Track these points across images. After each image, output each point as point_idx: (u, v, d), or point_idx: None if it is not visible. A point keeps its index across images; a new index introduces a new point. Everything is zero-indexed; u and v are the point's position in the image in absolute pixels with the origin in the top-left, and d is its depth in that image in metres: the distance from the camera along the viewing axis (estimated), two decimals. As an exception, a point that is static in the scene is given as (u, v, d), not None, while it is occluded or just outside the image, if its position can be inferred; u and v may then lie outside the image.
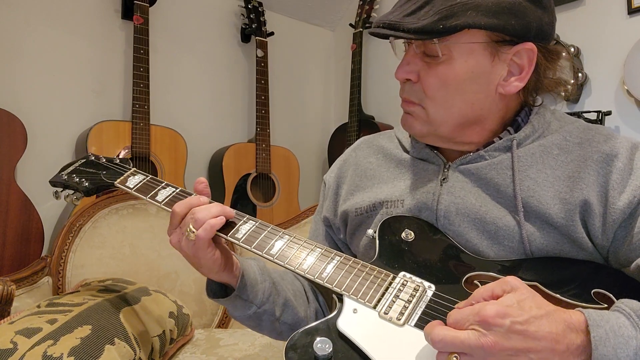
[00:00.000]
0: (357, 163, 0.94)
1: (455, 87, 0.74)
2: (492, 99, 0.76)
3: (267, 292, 0.84)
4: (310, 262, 0.73)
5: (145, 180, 0.91)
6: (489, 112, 0.78)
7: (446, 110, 0.76)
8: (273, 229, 0.79)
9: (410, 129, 0.81)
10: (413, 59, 0.76)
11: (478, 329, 0.53)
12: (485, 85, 0.75)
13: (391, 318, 0.65)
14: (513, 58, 0.74)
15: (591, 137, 0.76)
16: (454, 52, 0.72)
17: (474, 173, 0.78)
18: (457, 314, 0.56)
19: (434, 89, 0.75)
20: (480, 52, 0.72)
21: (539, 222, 0.72)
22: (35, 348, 0.86)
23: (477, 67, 0.73)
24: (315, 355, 0.61)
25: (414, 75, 0.76)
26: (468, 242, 0.75)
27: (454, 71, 0.73)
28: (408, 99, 0.79)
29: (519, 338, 0.53)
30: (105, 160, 1.02)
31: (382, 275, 0.71)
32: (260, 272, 0.85)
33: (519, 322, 0.53)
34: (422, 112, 0.77)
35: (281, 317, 0.85)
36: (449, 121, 0.77)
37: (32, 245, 1.75)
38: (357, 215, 0.87)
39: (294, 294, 0.90)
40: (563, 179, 0.73)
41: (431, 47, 0.73)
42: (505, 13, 0.69)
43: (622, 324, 0.55)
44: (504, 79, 0.75)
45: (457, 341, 0.53)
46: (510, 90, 0.75)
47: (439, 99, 0.75)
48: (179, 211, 0.77)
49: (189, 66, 2.39)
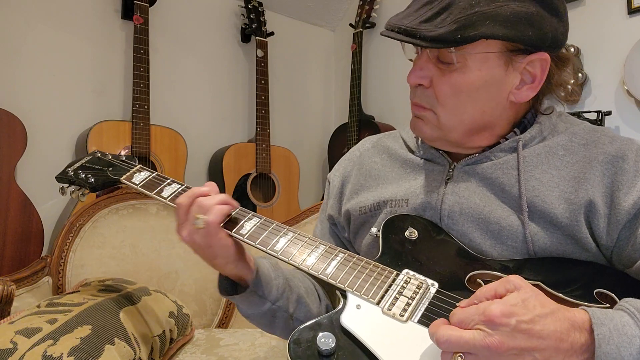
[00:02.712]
0: (362, 162, 0.94)
1: (468, 95, 0.74)
2: (503, 107, 0.77)
3: (281, 288, 0.84)
4: (314, 258, 0.74)
5: (151, 176, 0.91)
6: (499, 119, 0.78)
7: (457, 116, 0.76)
8: (277, 225, 0.79)
9: (420, 133, 0.81)
10: (426, 64, 0.76)
11: (483, 329, 0.53)
12: (497, 93, 0.75)
13: (394, 314, 0.65)
14: (526, 67, 0.74)
15: (597, 139, 0.76)
16: (469, 61, 0.72)
17: (479, 173, 0.78)
18: (462, 313, 0.56)
19: (446, 96, 0.75)
20: (494, 61, 0.72)
21: (543, 222, 0.72)
22: (35, 348, 0.86)
23: (491, 75, 0.73)
24: (319, 349, 0.61)
25: (427, 80, 0.76)
26: (471, 241, 0.76)
27: (467, 79, 0.73)
28: (419, 104, 0.79)
29: (524, 337, 0.53)
30: (111, 157, 1.02)
31: (385, 272, 0.71)
32: (273, 269, 0.85)
33: (524, 321, 0.53)
34: (433, 117, 0.77)
35: (294, 313, 0.86)
36: (459, 127, 0.77)
37: (32, 245, 1.75)
38: (360, 214, 0.88)
39: (306, 291, 0.90)
40: (568, 179, 0.73)
41: (446, 55, 0.73)
42: (522, 23, 0.69)
43: (626, 322, 0.55)
44: (516, 87, 0.75)
45: (462, 341, 0.53)
46: (521, 99, 0.76)
47: (451, 106, 0.75)
48: (183, 202, 0.77)
49: (189, 66, 2.39)
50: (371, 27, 2.62)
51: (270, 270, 0.84)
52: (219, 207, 0.75)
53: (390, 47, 2.65)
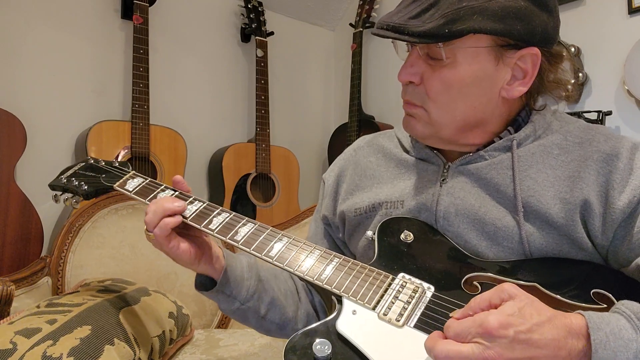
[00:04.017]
0: (357, 162, 0.94)
1: (459, 91, 0.74)
2: (495, 103, 0.76)
3: (252, 289, 0.84)
4: (310, 263, 0.73)
5: (144, 183, 0.91)
6: (491, 115, 0.78)
7: (448, 113, 0.76)
8: (272, 230, 0.79)
9: (412, 131, 0.81)
10: (416, 61, 0.76)
11: (481, 342, 0.53)
12: (488, 89, 0.75)
13: (390, 319, 0.65)
14: (517, 62, 0.74)
15: (592, 137, 0.76)
16: (459, 56, 0.72)
17: (473, 173, 0.78)
18: (458, 326, 0.55)
19: (436, 92, 0.74)
20: (484, 56, 0.72)
21: (539, 222, 0.72)
22: (35, 348, 0.85)
23: (481, 71, 0.73)
24: (315, 356, 0.61)
25: (417, 77, 0.76)
26: (467, 242, 0.75)
27: (457, 75, 0.73)
28: (410, 101, 0.78)
29: (522, 347, 0.52)
30: (104, 163, 1.02)
31: (381, 277, 0.71)
32: (248, 269, 0.85)
33: (522, 332, 0.52)
34: (424, 114, 0.77)
35: (266, 315, 0.86)
36: (451, 124, 0.77)
37: (31, 245, 1.75)
38: (355, 216, 0.87)
39: (285, 293, 0.90)
40: (563, 178, 0.73)
41: (435, 50, 0.72)
42: (511, 17, 0.69)
43: (622, 326, 0.55)
44: (508, 83, 0.75)
45: (461, 356, 0.53)
46: (513, 95, 0.75)
47: (442, 102, 0.75)
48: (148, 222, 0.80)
49: (189, 66, 2.39)
50: (371, 27, 2.62)
51: (244, 270, 0.85)
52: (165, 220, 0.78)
53: (390, 46, 2.64)
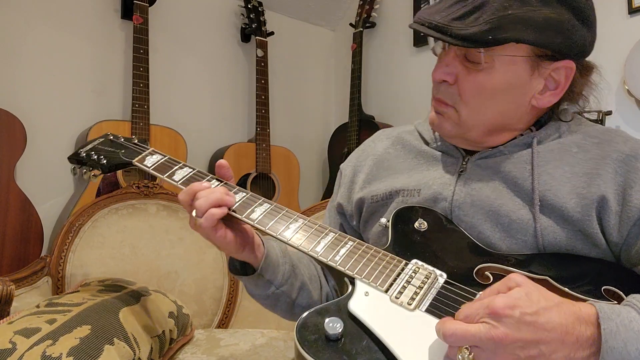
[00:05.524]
0: (376, 153, 0.95)
1: (491, 96, 0.75)
2: (524, 110, 0.78)
3: (287, 274, 0.86)
4: (324, 245, 0.74)
5: (163, 159, 0.92)
6: (518, 121, 0.79)
7: (478, 116, 0.77)
8: (288, 212, 0.79)
9: (440, 129, 0.82)
10: (453, 62, 0.76)
11: (488, 321, 0.54)
12: (520, 96, 0.76)
13: (402, 302, 0.66)
14: (552, 73, 0.75)
15: (610, 138, 0.77)
16: (496, 63, 0.73)
17: (491, 166, 0.79)
18: (467, 309, 0.57)
19: (469, 95, 0.76)
20: (521, 65, 0.73)
21: (554, 216, 0.73)
22: (34, 348, 0.85)
23: (516, 79, 0.74)
24: (326, 333, 0.61)
25: (452, 77, 0.77)
26: (481, 234, 0.76)
27: (492, 80, 0.74)
28: (442, 100, 0.79)
29: (529, 329, 0.53)
30: (124, 139, 1.02)
31: (394, 261, 0.72)
32: (282, 255, 0.87)
33: (528, 313, 0.53)
34: (454, 114, 0.78)
35: (297, 299, 0.88)
36: (479, 127, 0.78)
37: (31, 245, 1.75)
38: (372, 203, 0.89)
39: (310, 277, 0.92)
40: (581, 175, 0.74)
41: (474, 54, 0.73)
42: (552, 30, 0.70)
43: (633, 318, 0.56)
44: (539, 92, 0.76)
45: (468, 334, 0.54)
46: (543, 104, 0.77)
47: (473, 105, 0.76)
48: (183, 200, 0.78)
49: (189, 66, 2.39)
50: (371, 27, 2.62)
51: (279, 255, 0.86)
52: (213, 211, 0.74)
53: (390, 46, 2.65)
